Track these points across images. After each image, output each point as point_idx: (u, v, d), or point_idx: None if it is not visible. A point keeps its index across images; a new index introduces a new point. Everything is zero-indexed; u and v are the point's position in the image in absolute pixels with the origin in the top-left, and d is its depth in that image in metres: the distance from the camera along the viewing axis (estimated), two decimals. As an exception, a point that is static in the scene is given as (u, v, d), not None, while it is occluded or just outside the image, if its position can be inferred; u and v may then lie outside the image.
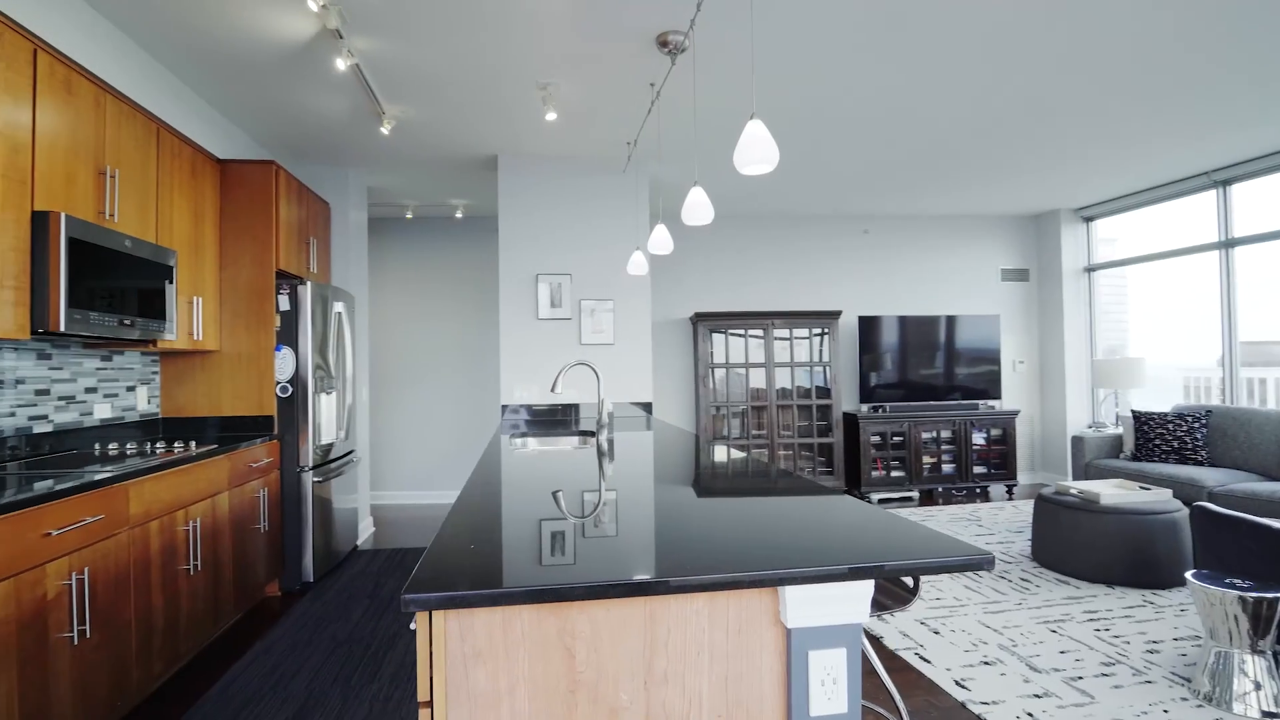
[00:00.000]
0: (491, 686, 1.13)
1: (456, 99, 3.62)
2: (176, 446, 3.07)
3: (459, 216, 6.11)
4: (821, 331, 6.12)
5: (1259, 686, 2.31)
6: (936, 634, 3.05)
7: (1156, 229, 5.89)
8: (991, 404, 6.29)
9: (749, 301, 6.41)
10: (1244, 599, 2.31)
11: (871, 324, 6.16)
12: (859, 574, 1.16)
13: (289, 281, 3.86)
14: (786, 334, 6.10)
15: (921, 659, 2.80)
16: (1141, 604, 3.34)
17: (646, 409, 4.73)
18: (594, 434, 3.49)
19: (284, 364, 3.86)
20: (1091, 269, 6.38)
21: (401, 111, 3.77)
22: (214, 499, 3.03)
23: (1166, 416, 4.91)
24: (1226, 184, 5.07)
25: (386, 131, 3.84)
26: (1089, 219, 6.37)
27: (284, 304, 3.86)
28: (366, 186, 5.26)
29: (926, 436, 6.04)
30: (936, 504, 5.79)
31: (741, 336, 6.07)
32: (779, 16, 2.77)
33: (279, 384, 3.84)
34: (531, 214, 4.63)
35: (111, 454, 2.83)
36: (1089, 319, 6.39)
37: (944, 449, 6.05)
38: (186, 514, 2.78)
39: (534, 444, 3.29)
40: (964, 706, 2.42)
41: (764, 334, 6.04)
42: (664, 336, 6.33)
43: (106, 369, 3.23)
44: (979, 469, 6.08)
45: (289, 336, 3.87)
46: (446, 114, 3.83)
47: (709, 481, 2.04)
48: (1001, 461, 6.10)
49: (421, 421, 6.24)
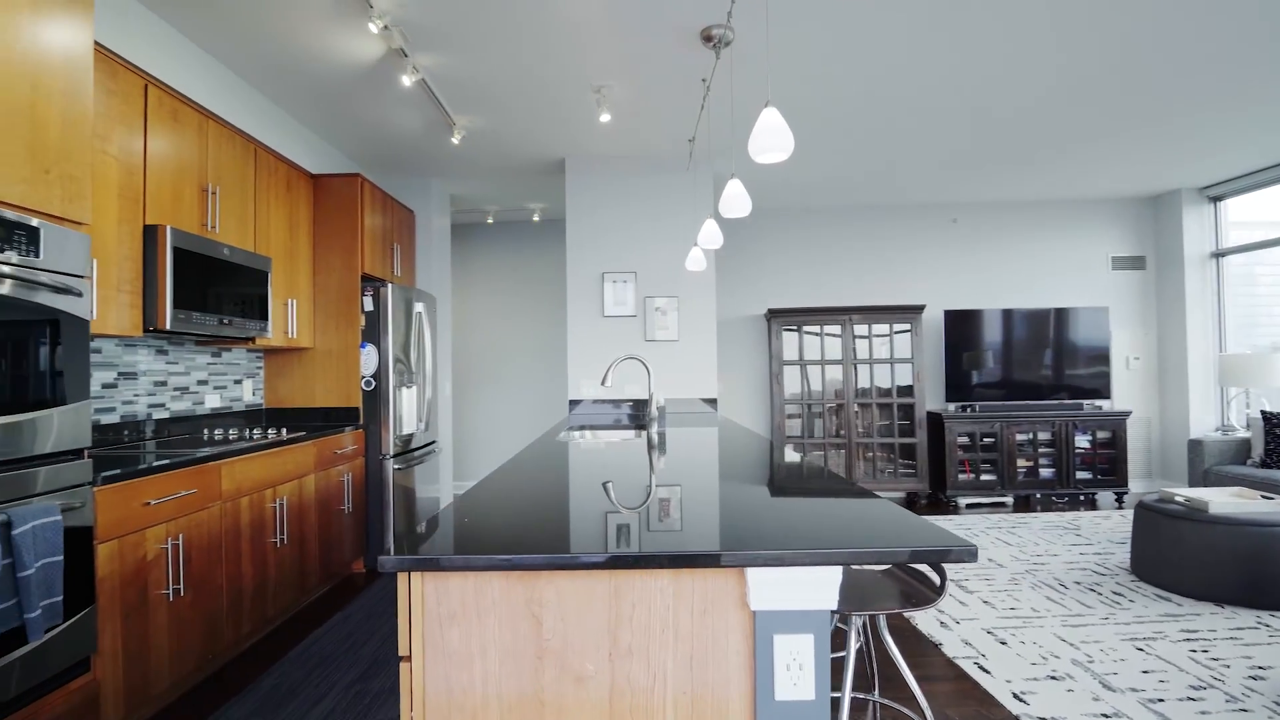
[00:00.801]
0: (464, 647, 1.20)
1: (518, 106, 3.79)
2: (270, 433, 3.42)
3: (536, 219, 6.36)
4: (904, 327, 5.84)
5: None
6: (1003, 644, 2.86)
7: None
8: (1099, 404, 5.75)
9: (826, 297, 6.22)
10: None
11: (960, 318, 5.81)
12: (820, 560, 1.14)
13: (373, 284, 4.18)
14: (865, 330, 5.88)
15: (981, 669, 2.64)
16: (1255, 626, 2.97)
17: (711, 405, 4.72)
18: (644, 427, 3.54)
19: (368, 360, 4.18)
20: (1220, 254, 5.68)
21: (469, 121, 3.99)
22: (300, 480, 3.34)
23: (1309, 419, 4.31)
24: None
25: (457, 141, 4.08)
26: (1216, 198, 5.68)
27: (368, 305, 4.18)
28: (449, 194, 5.59)
29: (1022, 438, 5.62)
30: (1033, 511, 5.38)
31: (817, 334, 5.91)
32: (835, 3, 2.71)
33: (364, 378, 4.17)
34: (598, 214, 4.74)
35: (215, 438, 3.20)
36: (1217, 310, 5.70)
37: (1042, 452, 5.60)
38: (274, 492, 3.09)
39: (587, 436, 3.39)
40: (1018, 721, 2.26)
41: (841, 330, 5.85)
42: (735, 334, 6.27)
43: (216, 364, 3.64)
44: (1083, 475, 5.58)
45: (373, 335, 4.20)
46: (511, 121, 4.01)
47: (731, 471, 2.04)
48: (1110, 467, 5.57)
49: (501, 415, 6.54)
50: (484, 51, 3.14)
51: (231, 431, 3.49)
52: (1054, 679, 2.53)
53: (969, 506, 5.58)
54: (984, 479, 5.58)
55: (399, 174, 5.14)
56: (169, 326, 2.69)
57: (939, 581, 1.80)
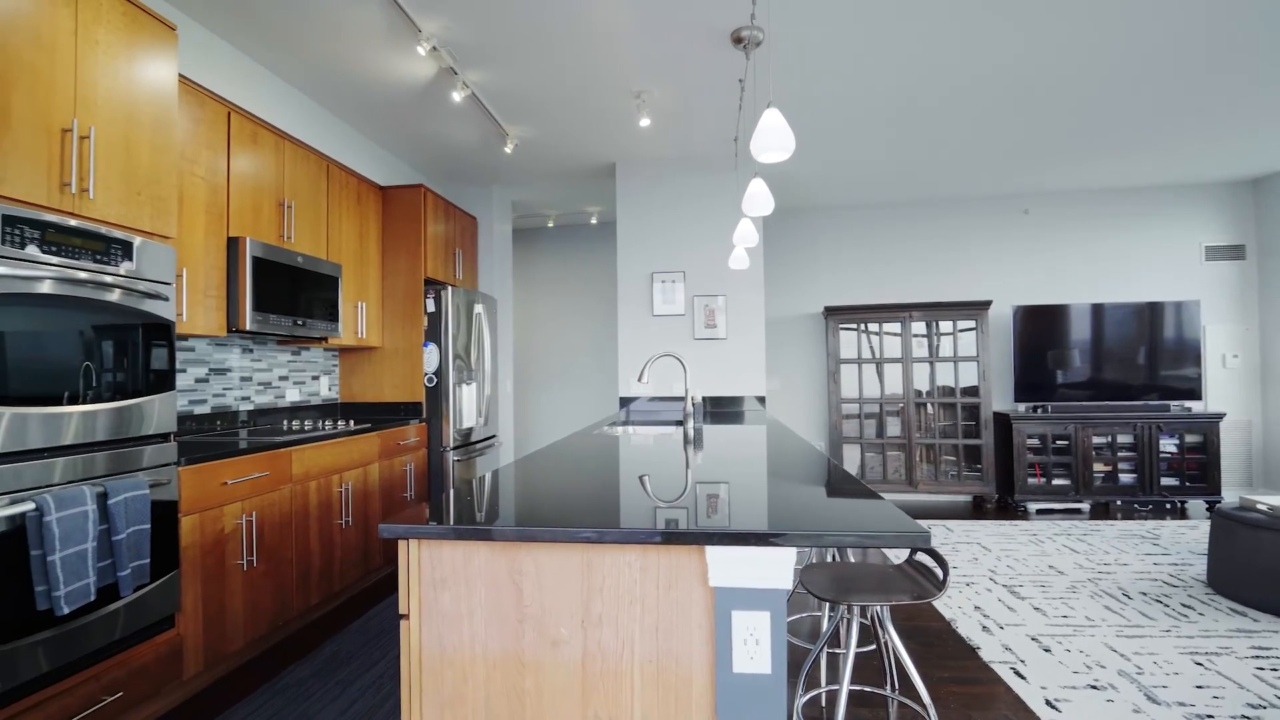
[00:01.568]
0: (455, 609, 1.35)
1: (564, 115, 3.95)
2: (339, 424, 3.73)
3: (594, 222, 6.54)
4: (968, 324, 5.62)
5: None
6: (1046, 651, 2.76)
7: None
8: (1188, 405, 5.34)
9: (884, 294, 6.08)
10: None
11: (1031, 314, 5.54)
12: (768, 540, 1.21)
13: (435, 287, 4.47)
14: (926, 328, 5.70)
15: (1017, 674, 2.56)
16: (1341, 647, 2.72)
17: (760, 402, 4.74)
18: (681, 423, 3.62)
19: (430, 358, 4.47)
20: (1336, 241, 5.15)
21: (521, 131, 4.20)
22: (365, 468, 3.64)
23: None
24: None
25: (509, 150, 4.30)
26: (1331, 179, 5.15)
27: (430, 306, 4.47)
28: (510, 200, 5.85)
29: (1099, 441, 5.29)
30: (1113, 519, 5.06)
31: (876, 332, 5.79)
32: (849, -3, 2.71)
33: (426, 375, 4.46)
34: (647, 215, 4.86)
35: (292, 428, 3.53)
36: (1331, 303, 5.17)
37: (1122, 456, 5.26)
38: (340, 478, 3.39)
39: (619, 431, 3.50)
40: (1047, 727, 2.20)
41: (901, 328, 5.70)
42: (790, 332, 6.23)
43: (296, 361, 4.01)
44: (1169, 481, 5.19)
45: (435, 334, 4.48)
46: (559, 130, 4.19)
47: (731, 461, 2.10)
48: (1200, 473, 5.16)
49: (562, 411, 6.77)
50: (527, 65, 3.31)
51: (307, 423, 3.84)
52: (1094, 689, 2.43)
53: (1040, 512, 5.31)
54: (1056, 483, 5.30)
55: (462, 183, 5.45)
56: (249, 327, 3.01)
57: (942, 577, 1.80)
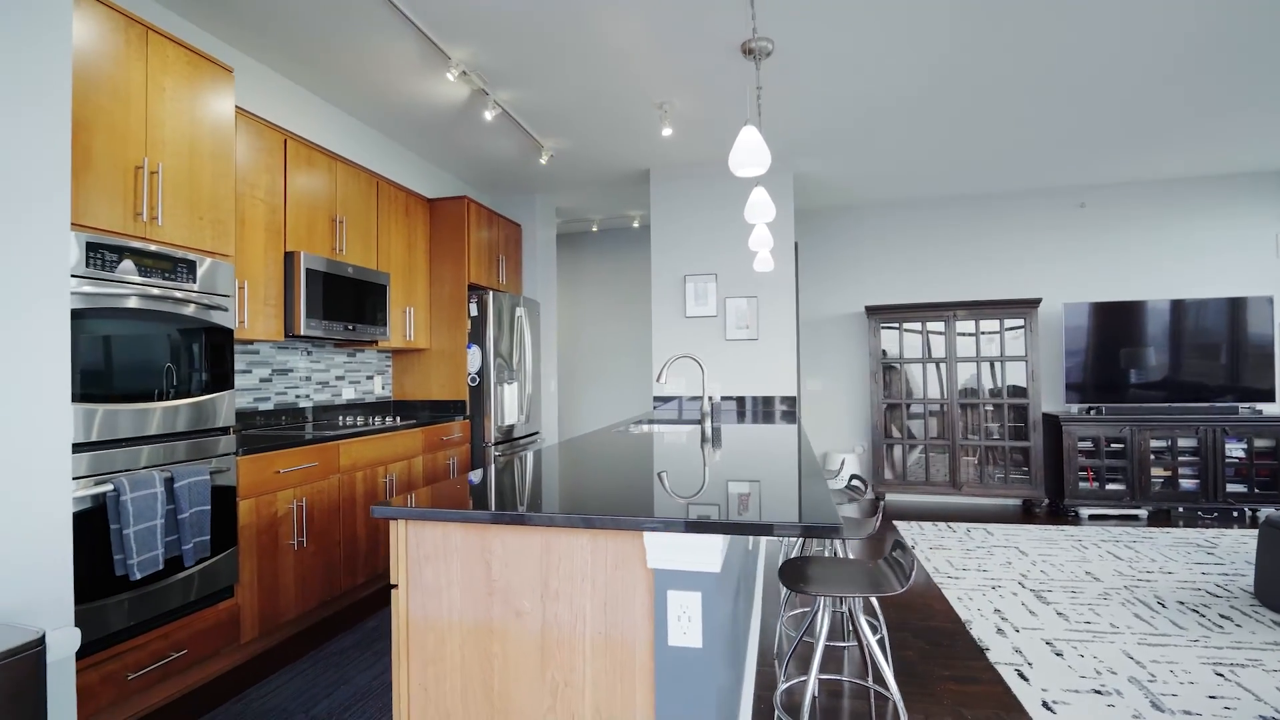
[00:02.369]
0: (436, 581, 1.54)
1: (592, 126, 4.14)
2: (386, 420, 4.05)
3: (635, 226, 6.72)
4: (1016, 322, 5.46)
5: None
6: (1059, 655, 2.73)
7: None
8: (1259, 407, 5.00)
9: (928, 292, 5.97)
10: None
11: (1083, 312, 5.32)
12: (697, 529, 1.34)
13: (478, 292, 4.75)
14: (972, 327, 5.57)
15: (1020, 676, 2.56)
16: (1386, 664, 2.56)
17: (789, 403, 4.79)
18: (699, 422, 3.74)
19: (473, 359, 4.76)
20: None
21: (555, 143, 4.42)
22: (409, 461, 3.94)
23: None
24: None
25: (544, 161, 4.52)
26: None
27: (473, 310, 4.76)
28: (554, 207, 6.10)
29: (1157, 444, 5.04)
30: (1174, 526, 4.81)
31: (919, 331, 5.70)
32: None
33: (469, 375, 4.75)
34: (680, 219, 4.99)
35: (345, 424, 3.87)
36: None
37: (1183, 460, 4.99)
38: (385, 469, 3.70)
39: (645, 429, 3.66)
40: (1038, 727, 2.21)
41: (945, 327, 5.60)
42: (831, 332, 6.20)
43: (351, 362, 4.37)
44: (1235, 488, 4.89)
45: (478, 337, 4.77)
46: (590, 140, 4.38)
47: (717, 457, 2.22)
48: (1271, 479, 4.83)
49: (604, 409, 6.98)
50: (553, 83, 3.52)
51: (359, 418, 4.19)
52: (1098, 693, 2.41)
53: (1093, 518, 5.11)
54: (1110, 488, 5.08)
55: (506, 192, 5.73)
56: (303, 332, 3.35)
57: (908, 573, 1.87)
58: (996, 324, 5.50)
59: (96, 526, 2.10)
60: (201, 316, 2.51)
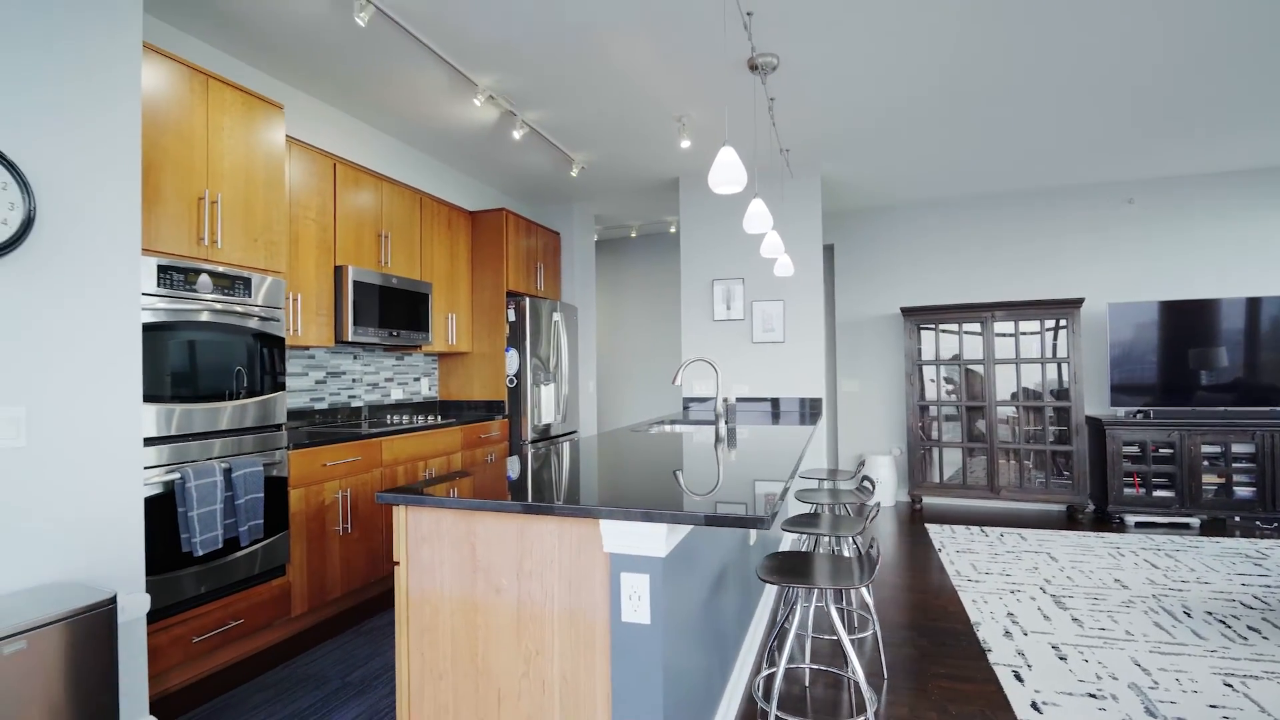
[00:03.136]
0: (430, 560, 1.77)
1: (617, 140, 4.34)
2: (429, 419, 4.37)
3: (672, 231, 6.88)
4: (1057, 323, 5.32)
5: None
6: (1062, 660, 2.74)
7: None
8: (1326, 413, 4.71)
9: (965, 293, 5.87)
10: None
11: (1129, 312, 5.14)
12: (640, 518, 1.51)
13: (516, 298, 5.03)
14: (1010, 328, 5.46)
15: (1016, 677, 2.59)
16: None
17: (816, 405, 4.85)
18: (713, 423, 3.87)
19: (511, 361, 5.05)
20: None
21: (584, 156, 4.64)
22: (448, 457, 4.24)
23: None
24: None
25: (575, 174, 4.76)
26: None
27: (511, 316, 5.04)
28: (593, 214, 6.34)
29: (1210, 450, 4.82)
30: (1230, 535, 4.60)
31: (955, 332, 5.63)
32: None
33: (508, 377, 5.04)
34: (708, 225, 5.12)
35: (391, 422, 4.21)
36: None
37: (1238, 467, 4.75)
38: (425, 464, 4.01)
39: (668, 428, 3.82)
40: (1021, 724, 2.26)
41: (982, 328, 5.51)
42: (865, 333, 6.18)
43: (400, 365, 4.73)
44: (1298, 497, 4.62)
45: (515, 341, 5.05)
46: (617, 153, 4.58)
47: (708, 454, 2.38)
48: (1339, 490, 4.54)
49: (642, 408, 7.17)
50: (575, 103, 3.73)
51: (404, 417, 4.53)
52: (1091, 697, 2.42)
53: (1139, 525, 4.94)
54: (1157, 495, 4.89)
55: (545, 202, 6.00)
56: (350, 339, 3.68)
57: (873, 570, 1.98)
58: (1036, 325, 5.38)
59: (168, 509, 2.45)
60: (257, 327, 2.85)
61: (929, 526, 5.00)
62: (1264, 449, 4.69)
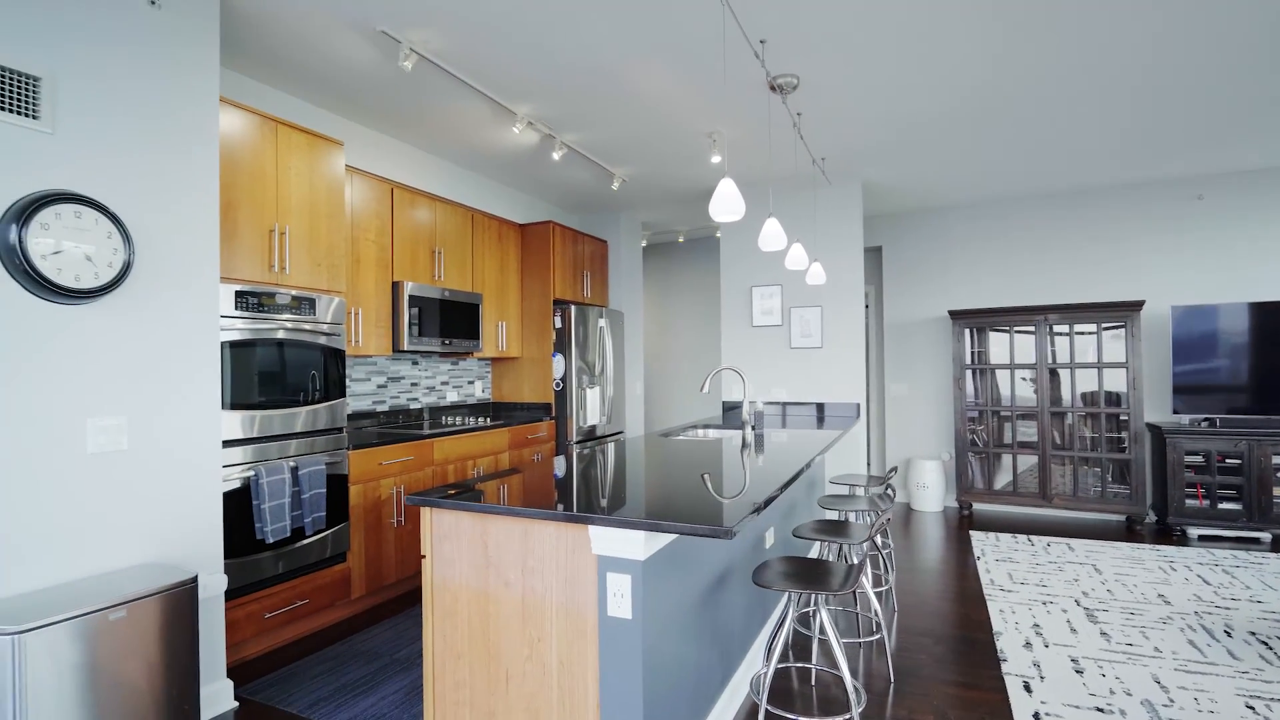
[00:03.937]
0: (450, 555, 2.02)
1: (653, 155, 4.51)
2: (481, 420, 4.70)
3: (718, 236, 6.98)
4: (1115, 326, 5.12)
5: None
6: (1079, 673, 2.74)
7: None
8: None
9: (1017, 295, 5.71)
10: None
11: (1194, 315, 4.89)
12: (620, 525, 1.69)
13: (562, 306, 5.30)
14: (1065, 329, 5.30)
15: (1025, 688, 2.63)
16: None
17: (854, 410, 4.88)
18: (739, 428, 4.00)
19: (557, 366, 5.32)
20: None
21: (624, 170, 4.85)
22: (496, 456, 4.56)
23: None
24: None
25: (616, 187, 4.97)
26: None
27: (557, 323, 5.32)
28: (640, 221, 6.54)
29: (1283, 462, 4.54)
30: (1304, 554, 4.35)
31: (1006, 331, 5.51)
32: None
33: (554, 380, 5.32)
34: (747, 232, 5.23)
35: (445, 423, 4.56)
36: None
37: (1316, 481, 4.46)
38: (474, 463, 4.33)
39: (702, 434, 3.99)
40: (1018, 732, 2.31)
41: (1035, 331, 5.37)
42: (912, 337, 6.11)
43: (455, 370, 5.08)
44: (1384, 514, 4.30)
45: (562, 346, 5.32)
46: (655, 166, 4.76)
47: (717, 462, 2.54)
48: None
49: (689, 410, 7.33)
50: (609, 124, 3.94)
51: (459, 419, 4.88)
52: (1099, 711, 2.44)
53: (1203, 539, 4.71)
54: (1222, 507, 4.66)
55: (593, 211, 6.25)
56: (406, 348, 4.03)
57: (854, 578, 2.09)
58: (1094, 327, 5.20)
59: (246, 502, 2.83)
60: (322, 341, 3.20)
61: (974, 534, 4.94)
62: (1344, 462, 4.39)
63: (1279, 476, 4.56)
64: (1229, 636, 3.06)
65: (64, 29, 2.02)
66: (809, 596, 3.46)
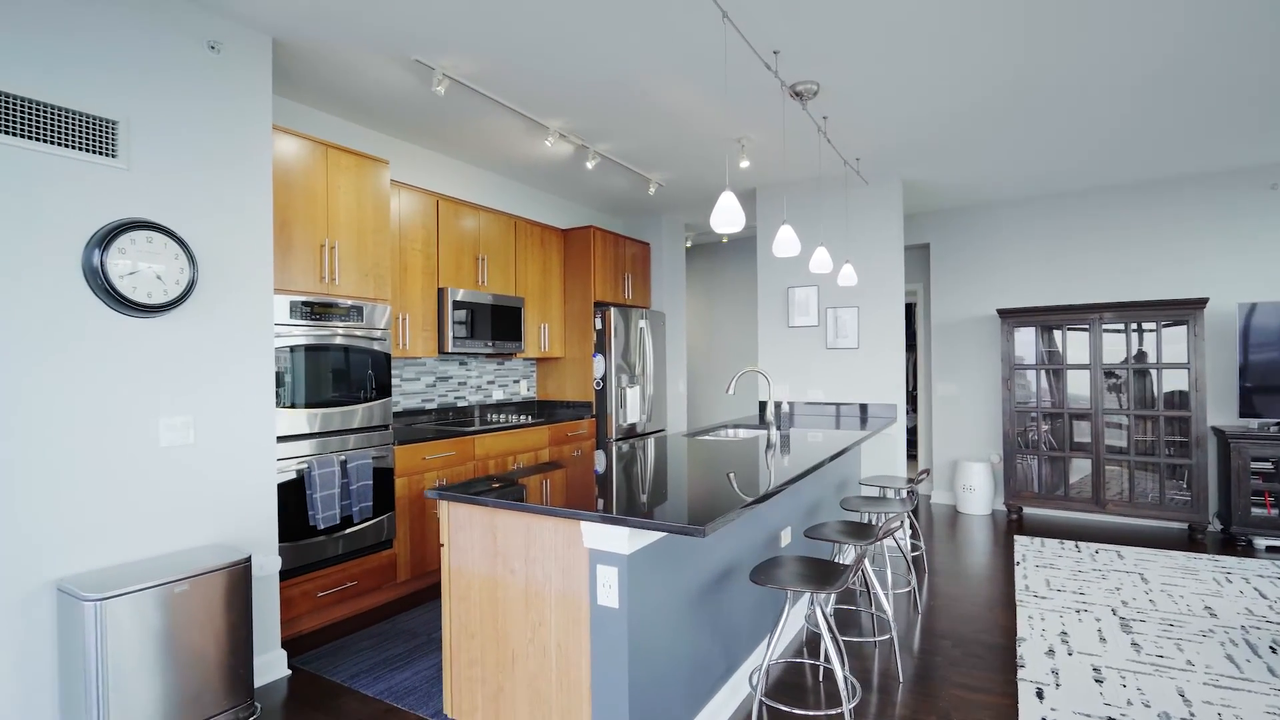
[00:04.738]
0: (464, 544, 2.22)
1: (685, 161, 4.61)
2: (524, 418, 4.94)
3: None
4: (1175, 325, 4.87)
5: None
6: (1098, 682, 2.70)
7: None
8: None
9: (1069, 292, 5.49)
10: None
11: (1267, 313, 4.59)
12: (607, 521, 1.84)
13: (602, 308, 5.48)
14: (1120, 328, 5.07)
15: (1037, 694, 2.61)
16: None
17: (891, 410, 4.84)
18: (763, 428, 4.06)
19: (598, 366, 5.51)
20: None
21: (659, 176, 4.97)
22: (536, 452, 4.78)
23: None
24: None
25: (652, 192, 5.10)
26: None
27: (598, 324, 5.50)
28: (683, 223, 6.64)
29: (1365, 471, 4.22)
30: (1388, 570, 4.04)
31: (1059, 327, 5.31)
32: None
33: (595, 380, 5.50)
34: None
35: (489, 420, 4.82)
36: None
37: (1402, 492, 4.13)
38: (514, 459, 4.56)
39: (730, 434, 4.08)
40: (1019, 736, 2.32)
41: (1089, 329, 5.16)
42: (960, 336, 5.96)
43: (500, 369, 5.35)
44: None
45: (602, 347, 5.50)
46: (688, 171, 4.86)
47: (720, 463, 2.64)
48: None
49: (732, 409, 7.37)
50: (637, 135, 4.07)
51: (504, 416, 5.14)
52: None
53: (1270, 550, 4.44)
54: (1294, 518, 4.37)
55: (635, 215, 6.39)
56: (450, 350, 4.30)
57: (845, 580, 2.17)
58: (1152, 326, 4.95)
59: (301, 492, 3.13)
60: (369, 346, 3.49)
61: (1018, 538, 4.82)
62: None
63: (1359, 486, 4.24)
64: (1273, 653, 2.92)
65: (137, 77, 2.32)
66: (808, 595, 3.52)
